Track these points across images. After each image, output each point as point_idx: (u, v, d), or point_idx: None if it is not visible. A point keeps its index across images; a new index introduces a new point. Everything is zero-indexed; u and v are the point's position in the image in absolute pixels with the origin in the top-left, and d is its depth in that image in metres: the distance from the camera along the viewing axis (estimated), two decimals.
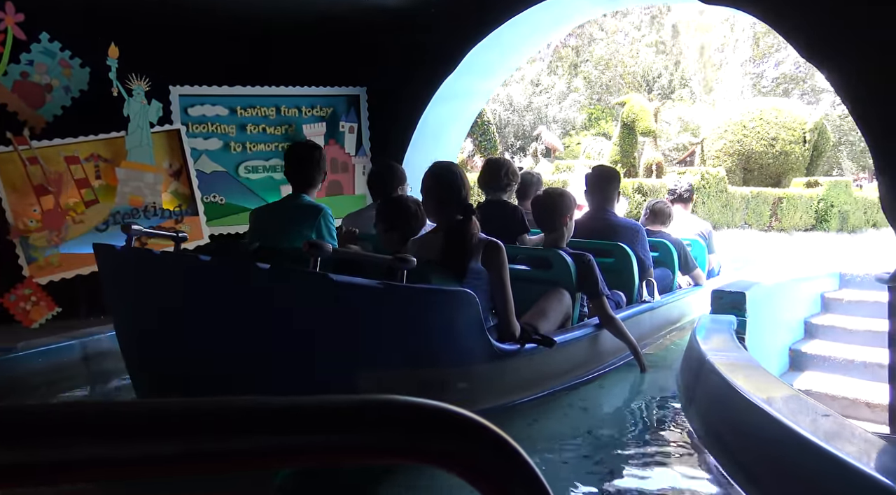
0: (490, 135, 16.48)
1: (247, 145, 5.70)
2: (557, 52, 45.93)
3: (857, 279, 5.40)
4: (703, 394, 2.53)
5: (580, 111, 36.68)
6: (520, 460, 0.46)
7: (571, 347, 3.29)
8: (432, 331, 2.47)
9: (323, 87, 5.90)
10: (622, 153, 15.30)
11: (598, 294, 3.47)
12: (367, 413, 0.46)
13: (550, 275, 3.49)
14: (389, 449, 0.46)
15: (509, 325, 2.89)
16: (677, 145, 26.88)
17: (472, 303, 2.52)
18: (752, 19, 23.30)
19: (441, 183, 2.96)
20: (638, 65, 43.71)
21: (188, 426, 0.45)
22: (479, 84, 5.91)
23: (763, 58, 46.00)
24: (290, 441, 0.45)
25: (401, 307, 2.35)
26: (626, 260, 4.09)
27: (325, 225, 3.36)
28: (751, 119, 15.95)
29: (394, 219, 3.15)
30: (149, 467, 0.45)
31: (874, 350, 4.54)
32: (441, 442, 0.46)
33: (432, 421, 0.46)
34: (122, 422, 0.44)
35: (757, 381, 2.18)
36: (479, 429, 0.46)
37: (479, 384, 2.66)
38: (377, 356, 2.30)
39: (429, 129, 5.84)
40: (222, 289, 2.19)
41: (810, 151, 15.67)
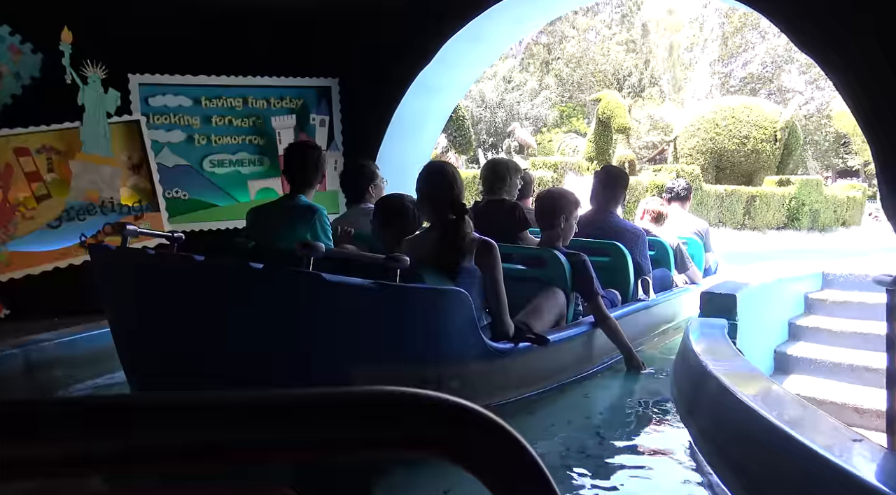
0: (465, 131, 16.21)
1: (212, 138, 5.42)
2: (529, 49, 45.97)
3: (839, 279, 5.30)
4: (708, 408, 2.36)
5: (552, 109, 36.75)
6: (526, 454, 0.45)
7: (565, 346, 3.29)
8: (425, 330, 2.48)
9: (293, 77, 5.63)
10: (597, 150, 15.20)
11: (593, 294, 3.48)
12: (368, 404, 0.46)
13: (545, 274, 3.49)
14: (391, 441, 0.46)
15: (503, 324, 2.90)
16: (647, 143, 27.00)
17: (465, 302, 2.54)
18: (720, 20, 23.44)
19: (433, 183, 2.98)
20: (609, 63, 43.93)
21: (183, 421, 0.44)
22: (457, 76, 5.69)
23: (731, 57, 46.56)
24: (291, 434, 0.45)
25: (394, 306, 2.37)
26: (622, 259, 4.09)
27: (320, 225, 3.37)
28: (723, 117, 16.01)
29: (389, 218, 3.13)
30: (145, 463, 0.45)
31: (861, 353, 4.45)
32: (447, 434, 0.45)
33: (436, 412, 0.45)
34: (116, 417, 0.44)
35: (769, 396, 2.02)
36: (487, 423, 0.45)
37: (472, 382, 2.67)
38: (370, 355, 2.31)
39: (404, 123, 5.62)
40: (216, 289, 2.23)
41: (781, 150, 15.79)
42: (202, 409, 0.45)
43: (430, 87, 5.52)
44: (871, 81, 3.17)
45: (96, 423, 0.43)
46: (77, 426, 0.43)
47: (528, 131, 17.78)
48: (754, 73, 44.40)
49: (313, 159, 3.61)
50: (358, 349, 2.30)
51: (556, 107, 37.66)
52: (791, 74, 45.85)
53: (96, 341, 3.43)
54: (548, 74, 42.61)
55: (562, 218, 3.64)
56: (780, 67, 45.23)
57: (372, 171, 4.22)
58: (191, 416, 0.44)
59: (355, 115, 5.69)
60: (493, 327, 2.91)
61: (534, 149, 17.87)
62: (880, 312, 4.90)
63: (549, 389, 3.23)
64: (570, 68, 43.37)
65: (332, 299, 2.21)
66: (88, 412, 0.44)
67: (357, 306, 2.27)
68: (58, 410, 0.44)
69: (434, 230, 2.97)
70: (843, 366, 4.39)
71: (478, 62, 5.65)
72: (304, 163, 3.56)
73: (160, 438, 0.44)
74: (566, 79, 42.86)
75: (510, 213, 4.06)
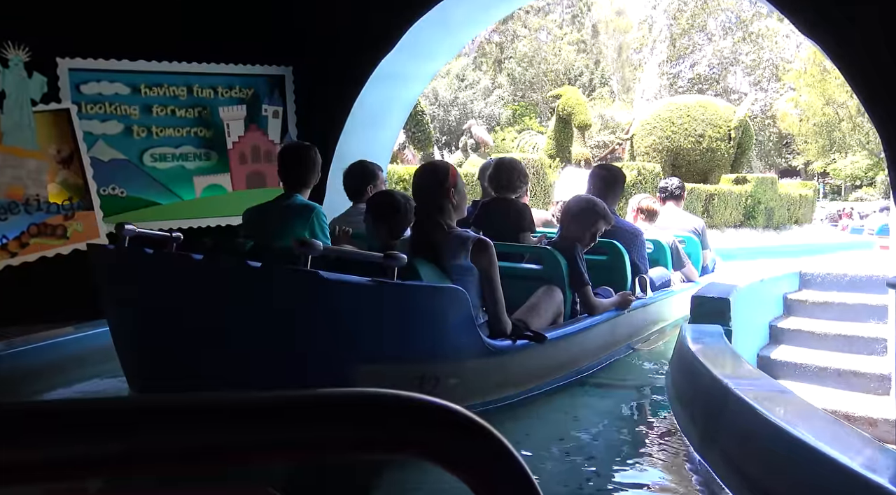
0: (424, 127, 15.74)
1: (152, 130, 4.94)
2: (482, 47, 45.96)
3: (817, 279, 5.13)
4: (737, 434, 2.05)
5: (505, 107, 36.78)
6: (507, 454, 0.46)
7: (563, 343, 3.30)
8: (423, 327, 2.50)
9: (243, 65, 5.19)
10: (557, 147, 15.01)
11: (582, 283, 3.51)
12: (350, 406, 0.46)
13: (542, 272, 3.50)
14: (373, 442, 0.46)
15: (500, 322, 2.92)
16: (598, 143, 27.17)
17: (463, 299, 2.55)
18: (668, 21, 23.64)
19: (423, 181, 3.00)
20: (560, 62, 44.20)
21: (180, 422, 0.44)
22: (421, 65, 5.33)
23: (679, 59, 47.38)
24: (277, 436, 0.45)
25: (392, 304, 2.38)
26: (619, 257, 4.07)
27: (317, 224, 3.38)
28: (679, 116, 16.03)
29: (381, 214, 3.12)
30: (139, 465, 0.44)
31: (847, 357, 4.27)
32: (427, 435, 0.45)
33: (417, 414, 0.45)
34: (112, 420, 0.44)
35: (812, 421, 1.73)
36: (466, 423, 0.45)
37: (469, 380, 2.68)
38: (368, 353, 2.32)
39: (364, 115, 5.23)
40: (215, 288, 2.25)
41: (735, 149, 15.90)
42: (186, 412, 0.45)
43: (392, 76, 5.15)
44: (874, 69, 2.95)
45: (94, 426, 0.43)
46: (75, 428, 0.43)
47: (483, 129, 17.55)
48: (702, 74, 45.24)
49: (307, 158, 3.61)
50: (356, 347, 2.30)
51: (508, 106, 37.69)
52: (737, 76, 46.94)
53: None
54: (500, 73, 42.69)
55: (588, 234, 3.70)
56: (727, 69, 46.25)
57: (372, 171, 4.15)
58: (173, 418, 0.44)
59: (311, 106, 5.28)
60: (490, 324, 2.92)
61: (490, 147, 17.62)
62: (863, 313, 4.78)
63: (548, 387, 3.22)
64: (523, 67, 43.54)
65: (329, 297, 2.21)
66: (85, 414, 0.44)
67: (355, 304, 2.27)
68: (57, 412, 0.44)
69: (425, 227, 2.95)
70: (830, 370, 4.20)
71: (443, 50, 5.30)
72: (299, 163, 3.57)
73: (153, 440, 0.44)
74: (518, 78, 43.01)
75: (520, 214, 4.04)
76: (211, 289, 2.26)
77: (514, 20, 46.31)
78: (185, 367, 2.26)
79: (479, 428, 0.45)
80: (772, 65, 44.51)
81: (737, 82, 46.04)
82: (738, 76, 46.75)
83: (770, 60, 44.59)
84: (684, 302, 4.92)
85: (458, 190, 2.95)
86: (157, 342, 2.37)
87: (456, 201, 2.94)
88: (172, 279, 2.35)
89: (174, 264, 2.46)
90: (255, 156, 5.22)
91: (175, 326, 2.30)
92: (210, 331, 2.23)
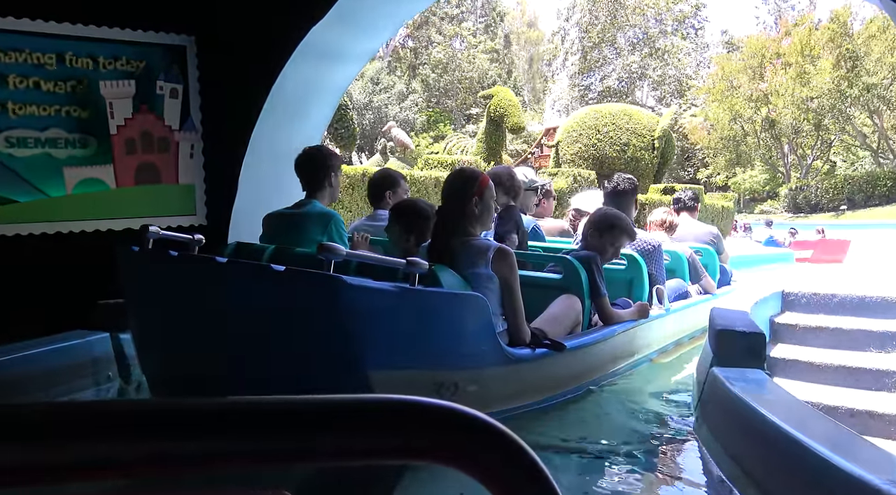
0: (348, 123, 14.53)
1: (8, 107, 3.82)
2: (396, 52, 45.35)
3: (801, 300, 4.59)
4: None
5: (419, 113, 36.35)
6: (532, 463, 0.46)
7: (581, 353, 3.30)
8: (444, 333, 2.51)
9: (132, 30, 4.14)
10: (488, 150, 14.28)
11: (598, 294, 3.53)
12: (377, 413, 0.46)
13: (562, 282, 3.48)
14: (401, 449, 0.46)
15: (519, 330, 2.91)
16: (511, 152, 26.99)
17: (483, 306, 2.58)
18: (580, 34, 23.85)
19: (450, 188, 2.97)
20: (474, 71, 44.15)
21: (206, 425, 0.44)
22: (358, 41, 4.41)
23: (590, 71, 48.33)
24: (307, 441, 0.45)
25: (414, 310, 2.37)
26: (637, 268, 4.03)
27: (336, 230, 3.35)
28: (604, 123, 15.79)
29: (405, 220, 3.16)
30: (157, 467, 0.45)
31: (857, 394, 3.69)
32: (455, 442, 0.45)
33: (446, 421, 0.46)
34: (130, 422, 0.44)
35: None
36: (493, 431, 0.46)
37: (488, 388, 2.68)
38: (389, 358, 2.30)
39: (286, 98, 4.29)
40: (239, 291, 2.27)
41: (658, 158, 15.81)
42: (207, 415, 0.44)
43: (322, 52, 4.23)
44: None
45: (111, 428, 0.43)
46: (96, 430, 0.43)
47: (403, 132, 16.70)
48: (612, 86, 46.23)
49: (318, 161, 3.48)
50: (377, 352, 2.28)
51: (423, 112, 37.29)
52: (643, 90, 48.32)
53: None
54: (415, 79, 42.29)
55: (611, 248, 3.75)
56: (635, 83, 47.52)
57: (393, 178, 4.12)
58: (187, 423, 0.44)
59: (220, 86, 4.29)
60: (509, 333, 2.91)
61: (411, 150, 16.73)
62: (862, 341, 4.28)
63: (566, 396, 3.23)
64: (437, 74, 43.31)
65: (353, 302, 2.20)
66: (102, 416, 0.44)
67: (378, 309, 2.26)
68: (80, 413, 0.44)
69: (448, 233, 2.92)
70: (842, 410, 3.60)
71: (385, 23, 4.40)
72: (313, 166, 3.47)
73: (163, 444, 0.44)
74: (433, 84, 42.74)
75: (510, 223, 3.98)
76: (235, 292, 2.28)
77: (429, 26, 46.03)
78: (207, 370, 2.30)
79: (515, 444, 0.46)
80: (676, 81, 46.06)
81: (643, 96, 47.36)
82: (645, 91, 48.16)
83: (674, 76, 46.13)
84: (702, 314, 4.86)
85: (485, 199, 2.91)
86: (180, 345, 2.42)
87: (479, 210, 2.89)
88: (196, 282, 2.38)
89: (198, 267, 2.48)
90: (146, 145, 4.16)
91: (198, 329, 2.33)
92: (233, 335, 2.27)
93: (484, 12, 49.57)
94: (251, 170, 4.29)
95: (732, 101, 26.25)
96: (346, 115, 14.66)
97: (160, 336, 2.54)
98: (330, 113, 4.73)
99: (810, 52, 25.06)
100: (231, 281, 2.30)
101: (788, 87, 24.97)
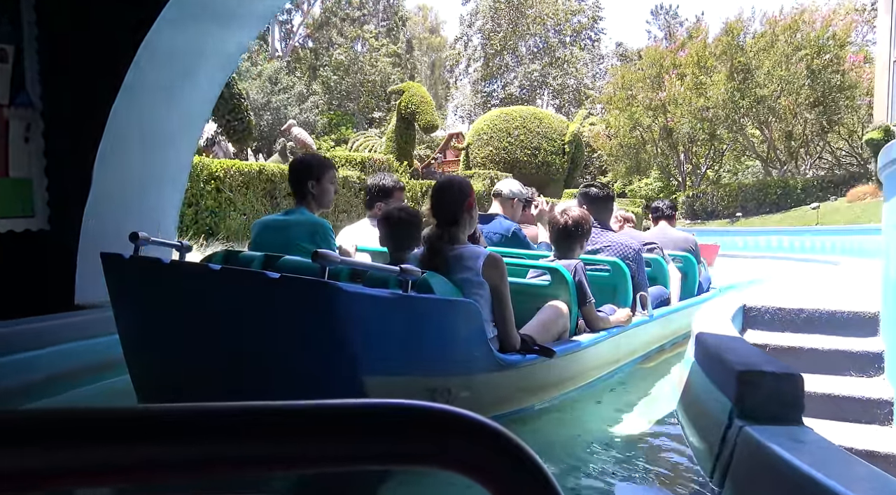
0: (243, 114, 13.14)
1: None
2: (296, 52, 43.94)
3: (764, 316, 4.09)
4: None
5: (320, 115, 35.35)
6: (537, 467, 0.46)
7: (570, 358, 3.36)
8: (438, 340, 2.53)
9: None
10: (398, 149, 13.37)
11: (585, 301, 3.64)
12: (379, 417, 0.45)
13: (549, 289, 3.56)
14: (404, 455, 0.46)
15: (509, 336, 2.97)
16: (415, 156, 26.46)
17: (476, 313, 2.65)
18: (482, 40, 23.84)
19: (441, 198, 3.02)
20: (377, 74, 43.45)
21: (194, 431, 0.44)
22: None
23: (492, 78, 48.59)
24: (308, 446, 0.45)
25: (409, 316, 2.40)
26: (621, 275, 4.15)
27: (325, 239, 3.32)
28: (515, 126, 15.35)
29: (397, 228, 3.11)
30: (143, 474, 0.44)
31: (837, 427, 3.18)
32: (459, 446, 0.45)
33: (449, 425, 0.45)
34: (127, 427, 0.43)
35: None
36: (498, 436, 0.45)
37: (480, 393, 2.72)
38: (383, 364, 2.30)
39: (157, 71, 3.35)
40: (232, 298, 2.26)
41: (569, 163, 15.53)
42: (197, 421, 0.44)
43: (205, 11, 3.33)
44: None
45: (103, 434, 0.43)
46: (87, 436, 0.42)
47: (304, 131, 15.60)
48: (514, 93, 46.57)
49: (301, 169, 3.44)
50: (371, 359, 2.26)
51: (324, 114, 36.27)
52: (544, 98, 49.02)
53: None
54: (315, 81, 41.13)
55: (578, 245, 3.88)
56: (536, 91, 48.13)
57: (390, 188, 4.15)
58: (181, 428, 0.43)
59: (66, 50, 3.29)
60: (499, 339, 2.96)
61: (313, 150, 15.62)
62: (841, 364, 3.82)
63: (555, 401, 3.31)
64: (339, 76, 42.33)
65: (349, 308, 2.18)
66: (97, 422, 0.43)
67: (373, 316, 2.26)
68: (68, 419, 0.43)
69: (442, 241, 2.97)
70: None
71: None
72: (296, 175, 3.44)
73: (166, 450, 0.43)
74: (334, 86, 41.73)
75: None
76: (229, 299, 2.26)
77: (330, 27, 44.87)
78: (198, 377, 2.30)
79: (501, 436, 0.45)
80: (575, 90, 47.02)
81: (544, 104, 48.01)
82: (546, 99, 48.86)
83: (573, 86, 47.09)
84: (685, 319, 5.05)
85: (474, 208, 3.02)
86: (172, 352, 2.41)
87: (471, 216, 2.99)
88: (189, 289, 2.35)
89: (191, 274, 2.45)
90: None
91: (191, 336, 2.32)
92: (227, 342, 2.26)
93: (386, 16, 49.13)
94: (111, 159, 3.32)
95: (633, 109, 26.72)
96: (241, 104, 13.29)
97: (151, 343, 2.54)
98: (216, 91, 3.79)
99: (705, 64, 25.83)
100: (225, 288, 2.27)
101: (685, 97, 25.63)
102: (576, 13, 48.41)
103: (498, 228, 4.34)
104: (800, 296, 4.32)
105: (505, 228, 4.36)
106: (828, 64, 23.81)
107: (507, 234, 4.32)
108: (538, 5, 46.62)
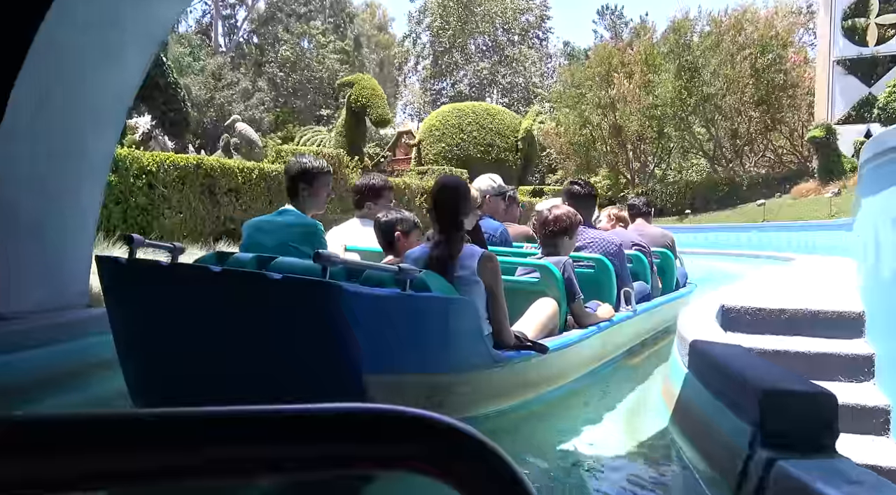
0: (179, 105, 12.32)
1: None
2: (241, 47, 42.86)
3: (745, 317, 3.85)
4: None
5: (266, 113, 34.48)
6: (511, 473, 0.44)
7: (562, 354, 3.43)
8: (437, 338, 2.58)
9: None
10: (348, 144, 12.78)
11: (574, 297, 3.72)
12: (351, 421, 0.44)
13: (539, 286, 3.65)
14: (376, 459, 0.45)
15: (503, 333, 3.02)
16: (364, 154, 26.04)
17: (473, 311, 2.72)
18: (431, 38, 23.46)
19: (444, 197, 3.04)
20: (325, 71, 42.73)
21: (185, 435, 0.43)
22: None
23: (441, 76, 48.34)
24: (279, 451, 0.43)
25: (410, 315, 2.43)
26: (606, 271, 4.25)
27: (319, 241, 3.39)
28: (468, 122, 15.04)
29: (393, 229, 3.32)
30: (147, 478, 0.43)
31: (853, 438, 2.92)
32: (431, 451, 0.44)
33: (422, 429, 0.44)
34: (119, 432, 0.42)
35: None
36: (471, 439, 0.44)
37: (476, 390, 2.79)
38: (384, 363, 2.31)
39: (72, 37, 2.89)
40: (231, 299, 2.26)
41: (522, 160, 15.32)
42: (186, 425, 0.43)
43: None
44: None
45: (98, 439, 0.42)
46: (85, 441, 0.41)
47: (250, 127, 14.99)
48: (463, 92, 46.41)
49: (293, 171, 3.52)
50: (372, 358, 2.25)
51: (271, 112, 35.44)
52: (494, 96, 49.04)
53: None
54: (261, 77, 40.20)
55: (565, 237, 3.94)
56: (485, 89, 48.08)
57: (379, 187, 4.24)
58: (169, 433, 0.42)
59: None
60: (494, 336, 3.00)
61: (259, 146, 14.98)
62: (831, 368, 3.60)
63: (547, 396, 3.38)
64: (285, 72, 41.46)
65: (351, 308, 2.18)
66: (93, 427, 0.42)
67: (375, 314, 2.28)
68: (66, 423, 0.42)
69: (438, 241, 3.01)
70: None
71: None
72: (289, 176, 3.54)
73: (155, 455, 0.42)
74: (280, 83, 40.87)
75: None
76: (229, 300, 2.26)
77: (276, 23, 43.91)
78: (196, 379, 2.30)
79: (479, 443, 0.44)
80: (524, 88, 47.16)
81: (493, 102, 48.03)
82: (495, 97, 48.90)
83: (522, 84, 47.22)
84: (667, 313, 5.31)
85: (472, 206, 3.09)
86: (172, 355, 2.40)
87: (470, 217, 3.05)
88: (189, 291, 2.35)
89: (191, 276, 2.43)
90: None
91: (192, 338, 2.32)
92: (227, 343, 2.26)
93: (333, 12, 48.37)
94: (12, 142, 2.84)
95: (582, 107, 26.77)
96: (177, 94, 12.46)
97: (150, 345, 2.52)
98: (141, 68, 3.32)
99: (653, 62, 26.05)
100: (225, 289, 2.26)
101: (634, 95, 25.81)
102: (524, 12, 48.54)
103: (487, 228, 4.34)
104: (779, 296, 4.10)
105: (493, 228, 4.41)
106: (771, 63, 24.27)
107: (495, 234, 4.37)
108: (486, 3, 46.56)
